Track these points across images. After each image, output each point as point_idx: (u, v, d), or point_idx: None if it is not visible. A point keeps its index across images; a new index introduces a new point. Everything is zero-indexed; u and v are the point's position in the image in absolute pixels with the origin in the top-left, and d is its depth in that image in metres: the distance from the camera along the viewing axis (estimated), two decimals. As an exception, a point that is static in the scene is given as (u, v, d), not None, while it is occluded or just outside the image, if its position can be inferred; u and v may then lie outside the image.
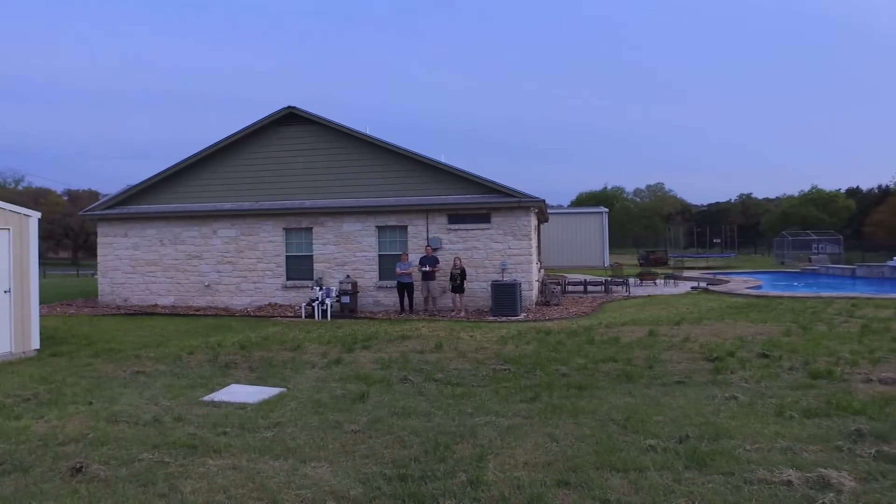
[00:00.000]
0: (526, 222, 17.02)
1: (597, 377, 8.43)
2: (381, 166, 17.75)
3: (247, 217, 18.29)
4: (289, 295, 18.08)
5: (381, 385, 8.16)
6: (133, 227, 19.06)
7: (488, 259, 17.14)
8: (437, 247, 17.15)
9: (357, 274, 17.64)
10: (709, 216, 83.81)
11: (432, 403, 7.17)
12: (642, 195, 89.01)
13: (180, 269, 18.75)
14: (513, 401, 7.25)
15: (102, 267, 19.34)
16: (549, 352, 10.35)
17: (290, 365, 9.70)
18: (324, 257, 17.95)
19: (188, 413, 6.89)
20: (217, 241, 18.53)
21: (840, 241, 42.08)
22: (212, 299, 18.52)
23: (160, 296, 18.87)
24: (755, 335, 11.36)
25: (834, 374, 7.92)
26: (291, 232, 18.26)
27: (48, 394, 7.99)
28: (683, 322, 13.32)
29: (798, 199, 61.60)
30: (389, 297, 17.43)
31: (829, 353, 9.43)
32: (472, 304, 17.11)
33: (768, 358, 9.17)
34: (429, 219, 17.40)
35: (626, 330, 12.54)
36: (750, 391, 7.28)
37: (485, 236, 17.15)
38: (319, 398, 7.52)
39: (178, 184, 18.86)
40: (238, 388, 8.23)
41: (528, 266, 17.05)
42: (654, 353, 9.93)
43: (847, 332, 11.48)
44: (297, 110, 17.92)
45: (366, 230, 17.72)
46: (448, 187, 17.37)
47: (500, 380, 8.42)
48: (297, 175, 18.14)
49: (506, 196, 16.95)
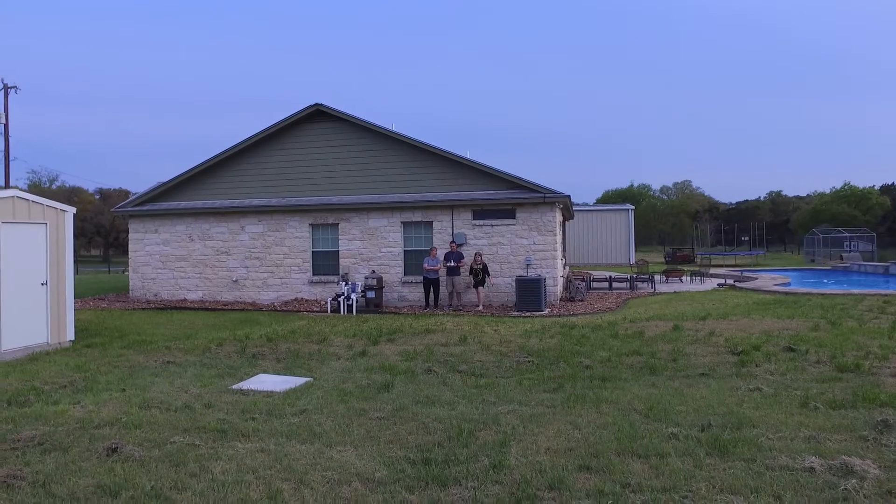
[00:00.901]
0: (551, 218, 17.02)
1: (620, 369, 8.45)
2: (407, 162, 17.88)
3: (274, 213, 18.56)
4: (315, 290, 18.30)
5: (405, 375, 8.28)
6: (163, 224, 19.46)
7: (513, 254, 17.17)
8: (462, 242, 17.23)
9: (382, 269, 17.80)
10: (737, 214, 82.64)
11: (456, 393, 7.26)
12: (669, 193, 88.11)
13: (209, 265, 19.09)
14: (536, 391, 7.31)
15: (133, 262, 19.77)
16: (572, 345, 10.37)
17: (315, 356, 9.86)
18: (349, 253, 18.14)
19: (217, 400, 7.06)
20: (245, 236, 18.83)
21: (874, 238, 41.24)
22: (240, 294, 18.83)
23: (189, 291, 19.24)
24: (782, 330, 11.25)
25: (862, 367, 7.83)
26: (318, 228, 18.48)
27: (83, 381, 8.24)
28: (709, 317, 13.22)
29: (830, 196, 60.38)
30: (414, 292, 17.56)
31: (857, 347, 9.32)
32: (496, 299, 17.17)
33: (794, 352, 9.09)
34: (454, 214, 17.49)
35: (651, 325, 12.49)
36: (775, 383, 7.25)
37: (509, 232, 17.19)
38: (345, 387, 7.65)
39: (206, 180, 19.20)
40: (266, 377, 8.40)
41: (552, 262, 17.05)
42: (679, 346, 9.90)
43: (878, 328, 11.31)
44: (323, 107, 18.13)
45: (391, 226, 17.87)
46: (473, 183, 17.44)
47: (524, 371, 8.48)
48: (324, 171, 18.35)
49: (531, 192, 16.97)
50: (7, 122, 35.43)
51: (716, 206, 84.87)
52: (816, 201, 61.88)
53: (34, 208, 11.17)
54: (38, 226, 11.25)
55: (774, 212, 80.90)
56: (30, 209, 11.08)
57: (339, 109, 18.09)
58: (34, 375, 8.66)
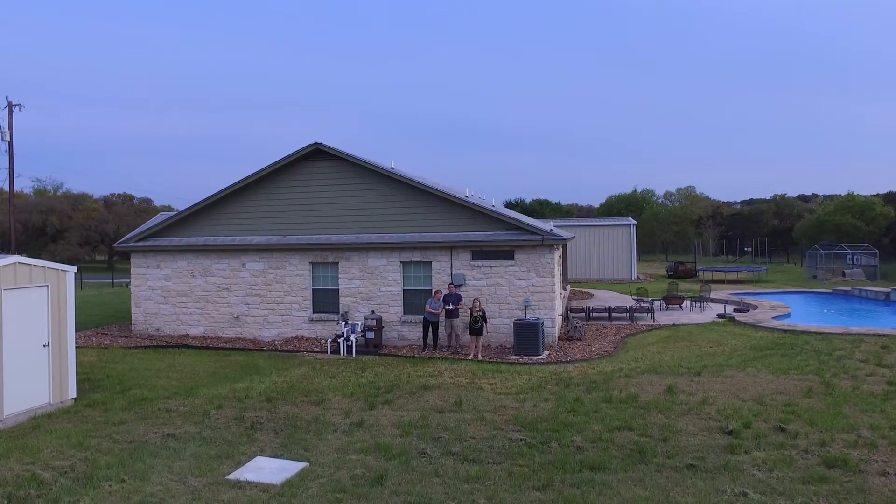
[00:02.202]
0: (549, 259, 17.14)
1: (611, 452, 8.57)
2: (406, 202, 18.01)
3: (274, 251, 18.72)
4: (315, 328, 18.46)
5: (399, 461, 8.41)
6: (165, 259, 19.63)
7: (511, 295, 17.29)
8: (461, 283, 17.35)
9: (382, 308, 17.94)
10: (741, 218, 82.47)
11: (447, 489, 7.40)
12: (673, 198, 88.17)
13: (210, 301, 19.26)
14: (525, 488, 7.44)
15: (136, 297, 19.95)
16: (566, 413, 10.49)
17: (313, 427, 10.00)
18: (349, 291, 18.29)
19: (214, 498, 7.21)
20: (246, 273, 19.00)
21: (876, 254, 41.23)
22: (241, 330, 18.99)
23: (191, 326, 19.42)
24: (775, 395, 11.35)
25: (849, 462, 7.93)
26: (318, 266, 18.63)
27: (83, 464, 8.41)
28: (704, 371, 13.33)
29: (833, 206, 60.33)
30: (414, 331, 17.69)
31: (847, 427, 9.42)
32: (495, 339, 17.29)
33: (784, 433, 9.19)
34: (453, 255, 17.62)
35: (645, 382, 12.60)
36: (761, 484, 7.36)
37: (508, 273, 17.31)
38: (339, 477, 7.80)
39: (208, 217, 19.36)
40: (263, 461, 8.55)
41: (550, 303, 17.16)
42: (671, 420, 10.01)
43: (871, 392, 11.41)
44: (323, 146, 18.26)
45: (390, 265, 18.01)
46: (472, 224, 17.56)
47: (516, 455, 8.61)
48: (324, 210, 18.49)
49: (529, 234, 17.08)
50: (11, 139, 35.68)
51: (719, 209, 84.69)
52: (820, 211, 61.79)
53: (35, 272, 11.33)
54: (40, 289, 11.42)
55: (779, 215, 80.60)
56: (31, 273, 11.24)
57: (338, 149, 18.22)
58: (35, 455, 8.81)
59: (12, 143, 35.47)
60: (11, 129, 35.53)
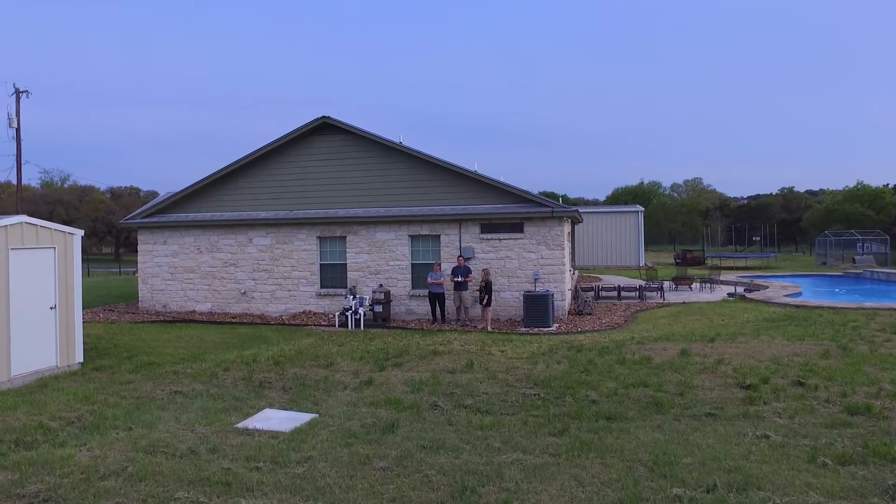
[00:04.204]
0: (559, 232, 16.95)
1: (626, 405, 8.40)
2: (414, 175, 17.85)
3: (281, 226, 18.58)
4: (323, 303, 18.33)
5: (411, 412, 8.26)
6: (172, 235, 19.53)
7: (521, 268, 17.12)
8: (470, 256, 17.19)
9: (390, 282, 17.80)
10: (749, 211, 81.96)
11: (461, 435, 7.24)
12: (680, 190, 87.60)
13: (217, 277, 19.15)
14: (541, 434, 7.27)
15: (143, 273, 19.86)
16: (579, 373, 10.32)
17: (322, 385, 9.87)
18: (357, 266, 18.14)
19: (223, 443, 7.07)
20: (253, 249, 18.87)
21: (887, 241, 40.82)
22: (248, 306, 18.88)
23: (198, 302, 19.32)
24: (791, 356, 11.15)
25: (872, 409, 7.74)
26: (325, 241, 18.49)
27: (91, 416, 8.29)
28: (717, 339, 13.12)
29: (843, 196, 59.83)
30: (422, 305, 17.54)
31: (868, 381, 9.21)
32: (504, 313, 17.13)
33: (804, 387, 9.00)
34: (461, 228, 17.45)
35: (659, 347, 12.41)
36: (783, 428, 7.17)
37: (517, 246, 17.13)
38: (350, 426, 7.64)
39: (214, 192, 19.25)
40: (271, 413, 8.41)
41: (560, 276, 16.98)
42: (686, 377, 9.83)
43: (889, 354, 11.18)
44: (330, 120, 18.11)
45: (398, 239, 17.85)
46: (481, 196, 17.39)
47: (530, 407, 8.44)
48: (331, 184, 18.35)
49: (539, 206, 16.90)
50: (19, 126, 35.66)
51: (727, 202, 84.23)
52: (829, 200, 61.32)
53: (42, 233, 11.23)
54: (47, 250, 11.31)
55: (787, 208, 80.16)
56: (38, 234, 11.13)
57: (346, 122, 18.07)
58: (42, 408, 8.71)
59: (20, 130, 35.45)
60: (19, 116, 35.49)
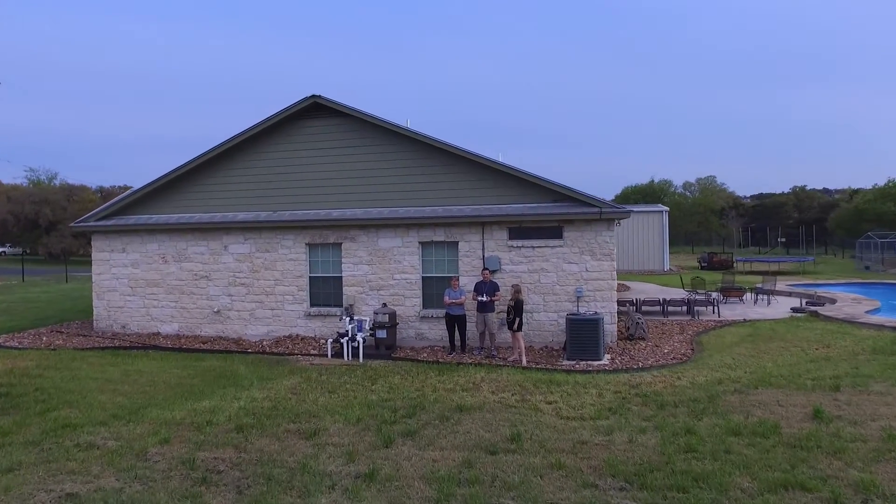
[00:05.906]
0: (608, 238, 13.54)
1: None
2: (426, 168, 14.42)
3: (263, 230, 15.16)
4: (313, 325, 14.91)
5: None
6: (132, 241, 16.12)
7: (559, 283, 13.70)
8: (496, 268, 13.78)
9: (396, 300, 14.38)
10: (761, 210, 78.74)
11: None
12: (692, 189, 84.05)
13: (186, 292, 15.74)
14: None
15: (97, 287, 16.46)
16: (682, 454, 6.92)
17: (297, 480, 6.46)
18: (355, 280, 14.72)
19: None
20: (228, 258, 15.46)
21: (936, 243, 37.30)
22: (222, 328, 15.47)
23: (163, 322, 15.90)
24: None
25: None
26: (316, 248, 15.07)
27: None
28: (842, 385, 9.70)
29: (872, 194, 56.34)
30: (435, 329, 14.13)
31: None
32: (538, 339, 13.73)
33: None
34: (485, 233, 14.03)
35: (769, 401, 9.00)
36: None
37: (555, 255, 13.71)
38: None
39: (183, 189, 15.83)
40: (205, 555, 5.01)
41: (609, 293, 13.57)
42: (857, 468, 6.41)
43: None
44: (322, 100, 14.69)
45: (406, 247, 14.43)
46: (509, 194, 13.97)
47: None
48: (324, 179, 14.92)
49: (582, 205, 13.48)
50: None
51: (739, 202, 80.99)
52: (859, 199, 57.83)
53: None
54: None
55: (799, 207, 77.01)
56: None
57: (341, 102, 14.64)
58: None
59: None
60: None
